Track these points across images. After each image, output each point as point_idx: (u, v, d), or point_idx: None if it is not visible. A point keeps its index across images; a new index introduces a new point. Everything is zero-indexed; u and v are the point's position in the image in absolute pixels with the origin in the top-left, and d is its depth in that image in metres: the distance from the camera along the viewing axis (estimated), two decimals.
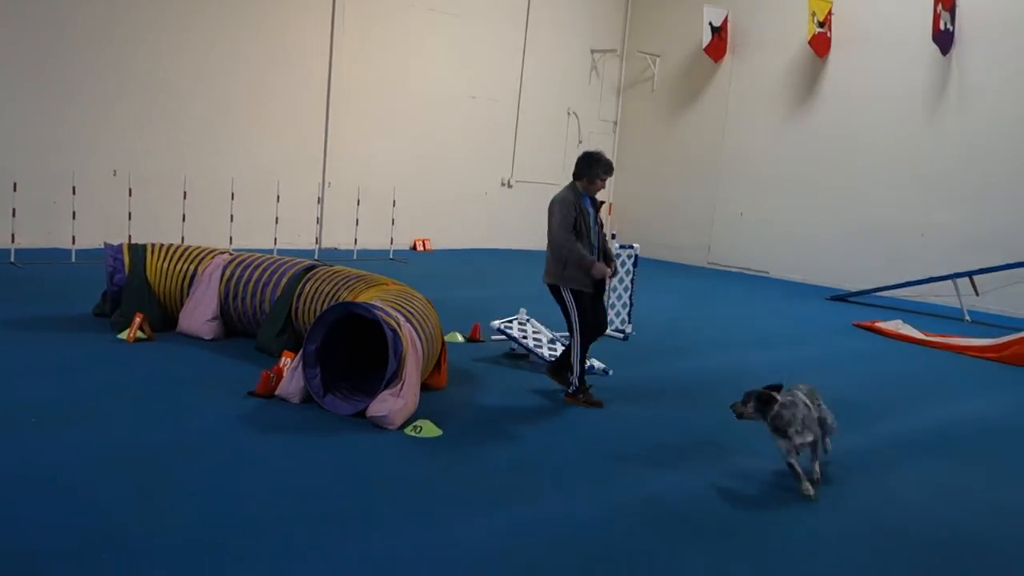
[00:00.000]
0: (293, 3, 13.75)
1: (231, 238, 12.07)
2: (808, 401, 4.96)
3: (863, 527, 4.51)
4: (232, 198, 12.30)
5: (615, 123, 19.38)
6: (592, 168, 6.35)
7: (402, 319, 5.71)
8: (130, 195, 11.37)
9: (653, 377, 7.43)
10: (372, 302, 5.83)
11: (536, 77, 17.45)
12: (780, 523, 4.42)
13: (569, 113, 18.31)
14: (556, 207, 6.27)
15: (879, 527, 4.52)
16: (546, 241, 6.38)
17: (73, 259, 10.84)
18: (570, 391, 6.42)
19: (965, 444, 6.26)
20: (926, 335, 10.74)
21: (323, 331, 5.69)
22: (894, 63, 14.92)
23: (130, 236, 11.03)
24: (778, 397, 4.85)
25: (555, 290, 6.37)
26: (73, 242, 10.98)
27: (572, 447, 5.39)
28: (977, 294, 12.93)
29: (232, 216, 12.26)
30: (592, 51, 18.49)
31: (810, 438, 4.86)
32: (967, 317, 12.60)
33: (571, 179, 6.42)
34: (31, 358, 6.34)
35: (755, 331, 10.33)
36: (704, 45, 17.15)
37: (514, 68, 17.15)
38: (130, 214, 11.34)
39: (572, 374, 6.40)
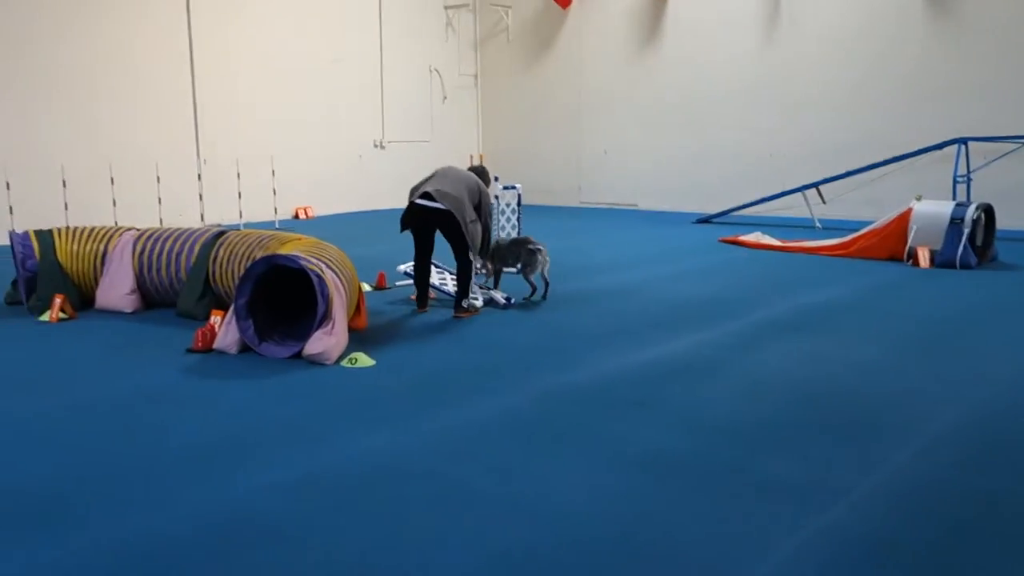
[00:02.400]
0: None
1: (116, 222, 12.14)
2: (512, 247, 7.93)
3: (743, 384, 5.41)
4: (112, 183, 12.35)
5: (476, 76, 19.97)
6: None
7: (323, 266, 6.24)
8: (8, 188, 11.32)
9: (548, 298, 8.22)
10: (292, 254, 6.33)
11: (395, 38, 17.85)
12: (677, 392, 5.24)
13: (431, 71, 18.79)
14: (488, 197, 7.67)
15: (756, 383, 5.43)
16: (452, 184, 7.33)
17: None
18: (464, 305, 7.42)
19: (820, 322, 7.25)
20: (783, 242, 11.90)
21: (251, 285, 6.16)
22: None
23: (11, 232, 10.98)
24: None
25: (456, 225, 7.17)
26: None
27: (492, 355, 6.11)
28: (824, 203, 14.20)
29: (114, 200, 12.34)
30: (445, 7, 18.95)
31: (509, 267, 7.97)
32: (818, 224, 13.89)
33: (476, 176, 7.62)
34: None
35: (631, 256, 11.21)
36: None
37: (373, 30, 17.49)
38: (11, 208, 11.29)
39: (467, 297, 7.45)
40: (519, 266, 7.93)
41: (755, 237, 12.25)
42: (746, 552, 3.26)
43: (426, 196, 7.22)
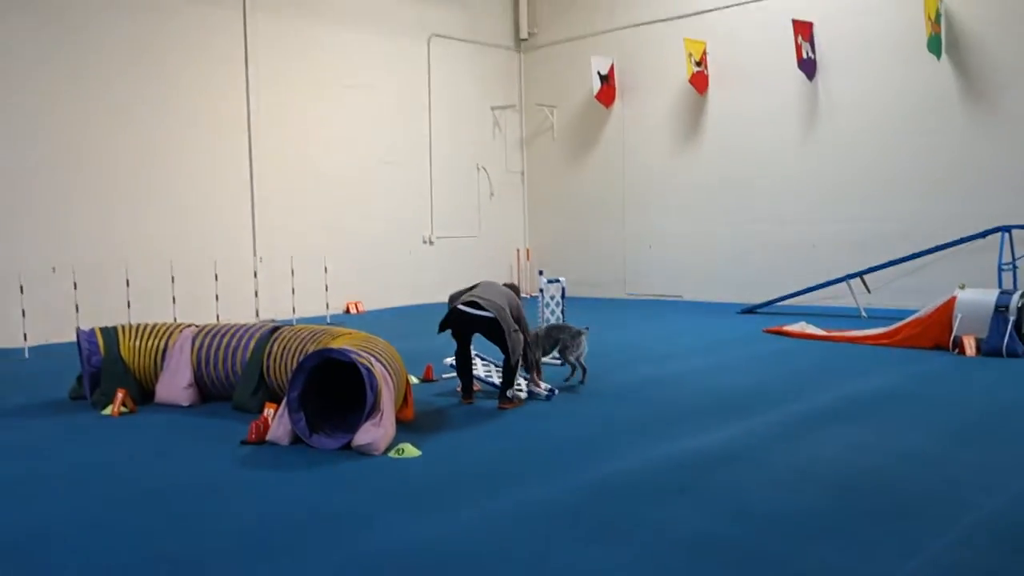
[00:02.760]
0: (209, 86, 14.48)
1: (175, 318, 12.60)
2: (550, 332, 8.44)
3: (787, 473, 5.47)
4: (172, 281, 12.87)
5: (522, 173, 20.51)
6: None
7: (373, 359, 6.48)
8: (75, 288, 11.84)
9: (589, 388, 8.37)
10: (343, 348, 6.58)
11: (444, 138, 18.50)
12: (721, 481, 5.32)
13: (478, 168, 19.36)
14: (524, 313, 7.90)
15: (799, 472, 5.49)
16: (496, 295, 7.68)
17: (26, 356, 11.25)
18: (508, 396, 7.64)
19: (864, 412, 7.29)
20: (828, 332, 11.92)
21: (303, 378, 6.41)
22: (767, 91, 16.40)
23: (78, 329, 11.46)
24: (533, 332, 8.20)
25: (501, 332, 7.46)
26: (25, 339, 11.41)
27: (537, 445, 6.26)
28: (869, 292, 14.24)
29: (174, 298, 12.83)
30: (492, 108, 19.63)
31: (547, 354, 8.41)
32: (863, 313, 13.88)
33: (514, 291, 7.97)
34: (26, 438, 6.87)
35: (675, 346, 11.32)
36: (595, 93, 18.46)
37: (423, 131, 18.15)
38: (77, 306, 11.79)
39: (512, 388, 7.68)
40: (559, 350, 8.40)
41: (800, 327, 12.29)
42: None
43: (471, 304, 7.55)
